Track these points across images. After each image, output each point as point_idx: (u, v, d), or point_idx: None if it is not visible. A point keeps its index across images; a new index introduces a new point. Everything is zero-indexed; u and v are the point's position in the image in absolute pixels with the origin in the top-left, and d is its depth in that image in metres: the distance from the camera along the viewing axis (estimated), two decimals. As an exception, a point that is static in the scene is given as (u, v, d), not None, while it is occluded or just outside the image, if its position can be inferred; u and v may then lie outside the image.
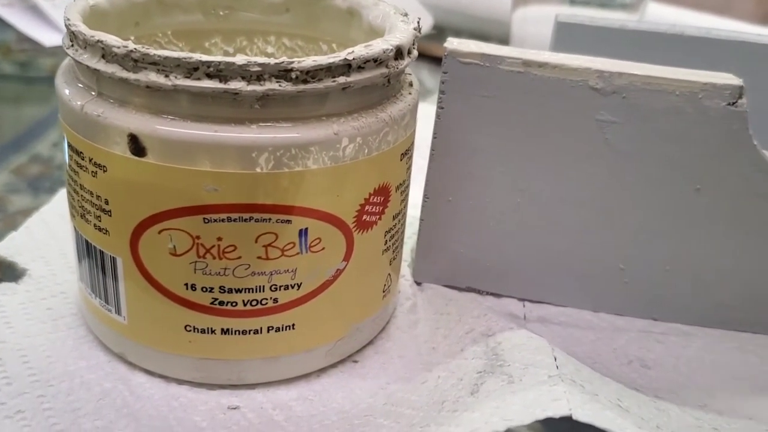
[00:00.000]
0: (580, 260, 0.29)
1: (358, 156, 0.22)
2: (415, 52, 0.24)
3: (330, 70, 0.20)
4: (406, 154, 0.24)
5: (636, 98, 0.26)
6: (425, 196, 0.29)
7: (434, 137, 0.28)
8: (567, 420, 0.20)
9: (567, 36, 0.33)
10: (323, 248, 0.22)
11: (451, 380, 0.24)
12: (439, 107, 0.27)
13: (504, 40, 0.49)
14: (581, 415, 0.19)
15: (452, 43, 0.26)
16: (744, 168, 0.27)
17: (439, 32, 0.64)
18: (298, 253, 0.22)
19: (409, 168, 0.25)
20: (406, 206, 0.26)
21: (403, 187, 0.24)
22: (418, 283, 0.30)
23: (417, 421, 0.22)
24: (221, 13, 0.29)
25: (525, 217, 0.28)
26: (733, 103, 0.26)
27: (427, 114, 0.28)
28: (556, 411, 0.19)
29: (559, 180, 0.28)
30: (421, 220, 0.29)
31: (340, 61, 0.20)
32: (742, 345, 0.28)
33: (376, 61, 0.21)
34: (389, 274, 0.25)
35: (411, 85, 0.24)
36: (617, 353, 0.27)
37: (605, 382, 0.23)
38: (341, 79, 0.21)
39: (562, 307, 0.30)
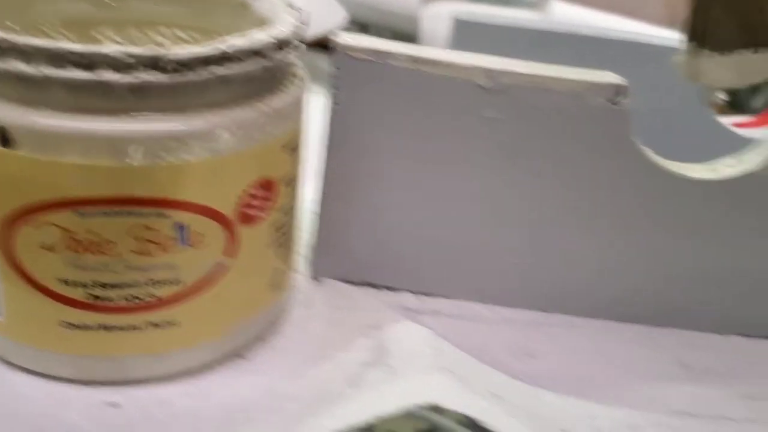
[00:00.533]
0: (472, 254, 0.29)
1: (237, 148, 0.21)
2: (301, 45, 0.23)
3: (205, 61, 0.20)
4: (293, 146, 0.24)
5: (522, 96, 0.27)
6: (322, 192, 0.29)
7: (330, 132, 0.28)
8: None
9: (465, 34, 0.33)
10: (204, 243, 0.22)
11: (334, 373, 0.24)
12: (334, 103, 0.27)
13: (415, 37, 0.50)
14: (449, 404, 0.20)
15: (342, 38, 0.27)
16: (627, 165, 0.27)
17: (358, 28, 0.64)
18: (177, 248, 0.22)
19: (297, 160, 0.25)
20: (295, 199, 0.26)
21: (291, 179, 0.24)
22: (316, 279, 0.30)
23: (296, 414, 0.22)
24: (113, 3, 0.28)
25: (419, 213, 0.29)
26: (615, 102, 0.27)
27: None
28: (425, 400, 0.20)
29: (451, 175, 0.28)
30: (319, 215, 0.29)
31: (215, 51, 0.20)
32: (625, 335, 0.29)
33: (255, 52, 0.21)
34: (279, 269, 0.25)
35: (298, 77, 0.24)
36: (505, 344, 0.28)
37: (485, 372, 0.24)
38: (218, 70, 0.20)
39: (456, 300, 0.30)
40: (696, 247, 0.29)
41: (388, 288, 0.30)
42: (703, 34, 0.25)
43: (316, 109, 0.27)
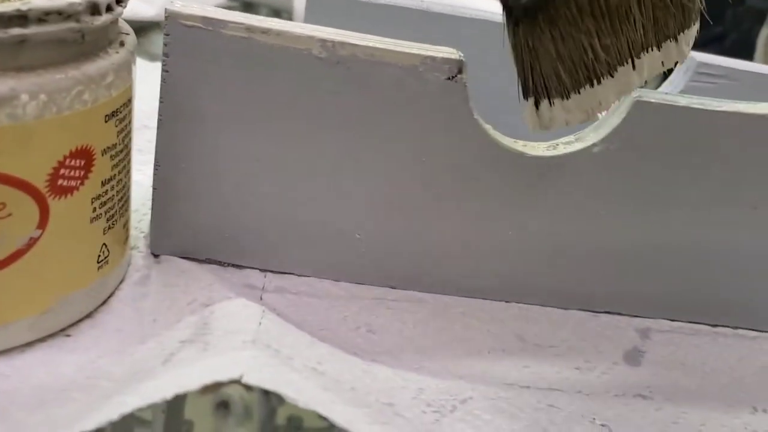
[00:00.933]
0: (318, 230, 0.29)
1: (44, 114, 0.20)
2: (119, 9, 0.22)
3: (2, 21, 0.19)
4: (116, 115, 0.23)
5: (359, 69, 0.26)
6: (156, 164, 0.28)
7: (161, 102, 0.27)
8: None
9: (319, 8, 0.33)
10: (10, 214, 0.21)
11: (155, 351, 0.23)
12: (164, 71, 0.26)
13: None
14: (252, 379, 0.19)
15: (173, 5, 0.26)
16: (465, 141, 0.28)
17: (243, 5, 0.63)
18: (-23, 220, 0.20)
19: (123, 131, 0.24)
20: (123, 172, 0.24)
21: (115, 150, 0.23)
22: (156, 256, 0.29)
23: (107, 394, 0.21)
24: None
25: (262, 186, 0.28)
26: (453, 77, 0.27)
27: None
28: (227, 375, 0.19)
29: (292, 149, 0.27)
30: (154, 189, 0.28)
31: (12, 11, 0.19)
32: (468, 310, 0.29)
33: (62, 14, 0.20)
34: (104, 245, 0.24)
35: (123, 44, 0.23)
36: (347, 320, 0.28)
37: (312, 347, 0.24)
38: (15, 31, 0.19)
39: (305, 277, 0.30)
40: (537, 222, 0.29)
41: (234, 266, 0.29)
42: (536, 88, 0.25)
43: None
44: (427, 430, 0.22)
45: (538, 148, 0.28)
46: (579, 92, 0.25)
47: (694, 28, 0.26)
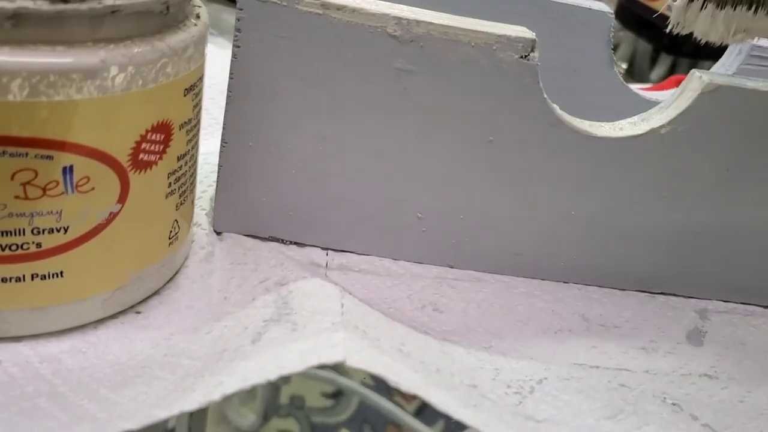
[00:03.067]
0: (380, 209, 0.28)
1: (131, 87, 0.19)
2: (201, -18, 0.21)
3: (93, -10, 0.18)
4: (192, 90, 0.22)
5: (433, 48, 0.25)
6: (223, 141, 0.27)
7: (231, 78, 0.26)
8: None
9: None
10: (93, 188, 0.20)
11: (236, 329, 0.22)
12: (235, 46, 0.25)
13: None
14: (355, 361, 0.18)
15: (248, -20, 0.24)
16: (534, 120, 0.27)
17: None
18: (63, 193, 0.19)
19: (197, 106, 0.23)
20: (195, 148, 0.24)
21: (190, 125, 0.22)
22: (218, 233, 0.28)
23: (193, 372, 0.20)
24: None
25: (327, 166, 0.27)
26: (525, 56, 0.26)
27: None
28: (331, 358, 0.18)
29: (359, 128, 0.26)
30: (220, 166, 0.27)
31: (104, -20, 0.18)
32: (530, 290, 0.29)
33: (150, -15, 0.19)
34: (176, 221, 0.23)
35: (199, 17, 0.22)
36: (412, 298, 0.27)
37: (392, 327, 0.23)
38: (108, 2, 0.18)
39: (365, 255, 0.29)
40: (600, 203, 0.28)
41: (296, 243, 0.29)
42: None
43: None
44: (512, 411, 0.21)
45: (605, 129, 0.27)
46: (734, 8, 0.23)
47: None
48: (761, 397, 0.26)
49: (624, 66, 0.63)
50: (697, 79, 0.27)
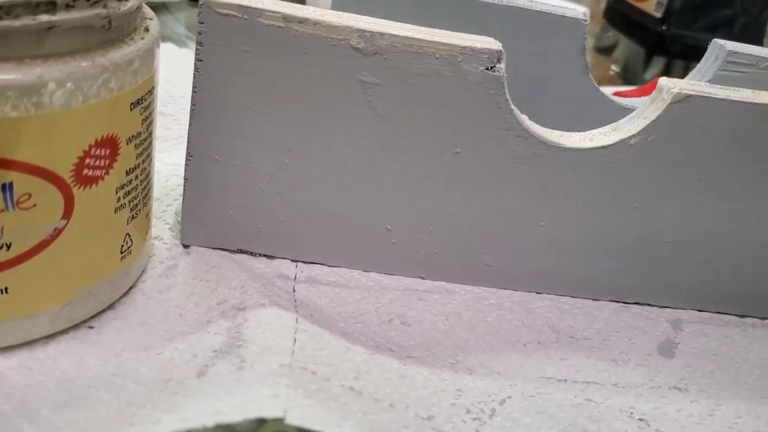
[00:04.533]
0: (349, 221, 0.27)
1: (71, 103, 0.18)
2: (148, -4, 0.20)
3: (30, 7, 0.17)
4: (141, 103, 0.21)
5: (397, 60, 0.24)
6: (188, 155, 0.25)
7: (194, 91, 0.24)
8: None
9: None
10: (35, 205, 0.19)
11: (185, 355, 0.21)
12: (198, 60, 0.24)
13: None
14: (295, 417, 0.17)
15: (209, -7, 0.23)
16: (502, 132, 0.25)
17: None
18: (3, 210, 0.18)
19: (147, 119, 0.21)
20: (147, 161, 0.22)
21: (139, 139, 0.21)
22: (186, 246, 0.27)
23: (137, 400, 0.19)
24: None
25: (294, 178, 0.26)
26: (491, 68, 0.24)
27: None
28: (271, 412, 0.17)
29: (325, 140, 0.25)
30: (186, 179, 0.26)
31: (38, -5, 0.17)
32: (500, 302, 0.27)
33: (89, 0, 0.18)
34: (128, 235, 0.22)
35: (147, 30, 0.21)
36: (380, 311, 0.26)
37: (349, 358, 0.21)
38: (44, 18, 0.17)
39: (335, 267, 0.27)
40: (570, 214, 0.27)
41: (265, 256, 0.27)
42: None
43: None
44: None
45: (575, 139, 0.26)
46: None
47: None
48: (730, 410, 0.24)
49: (616, 68, 0.61)
50: (666, 89, 0.25)
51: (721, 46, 0.32)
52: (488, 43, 0.24)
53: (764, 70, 0.33)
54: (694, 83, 0.26)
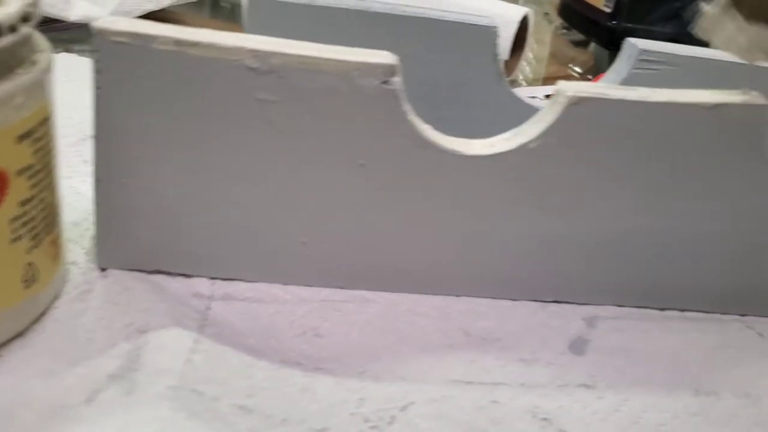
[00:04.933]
0: (263, 236, 0.27)
1: (-48, 140, 0.18)
2: (25, 30, 0.20)
3: None
4: (31, 135, 0.21)
5: (292, 78, 0.24)
6: (96, 179, 0.26)
7: (95, 118, 0.25)
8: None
9: (259, 12, 0.31)
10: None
11: (84, 381, 0.21)
12: (96, 87, 0.24)
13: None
14: None
15: (101, 22, 0.24)
16: (402, 143, 0.26)
17: (200, 3, 0.60)
18: None
19: (41, 150, 0.22)
20: (48, 190, 0.23)
21: (32, 171, 0.22)
22: (103, 270, 0.27)
23: (29, 429, 0.19)
24: None
25: (202, 197, 0.26)
26: (386, 82, 0.25)
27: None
28: None
29: (229, 159, 0.26)
30: (96, 204, 0.26)
31: None
32: (416, 308, 0.28)
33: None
34: (30, 264, 0.22)
35: (34, 63, 0.21)
36: (294, 325, 0.26)
37: (248, 375, 0.22)
38: None
39: (253, 282, 0.28)
40: (479, 218, 0.28)
41: (183, 275, 0.28)
42: None
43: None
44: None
45: (477, 147, 0.26)
46: (764, 26, 0.23)
47: None
48: (637, 405, 0.25)
49: (578, 70, 0.61)
50: (562, 92, 0.26)
51: (633, 45, 0.33)
52: (382, 57, 0.25)
53: (676, 66, 0.33)
54: (591, 85, 0.27)
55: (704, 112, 0.26)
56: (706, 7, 0.23)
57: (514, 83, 0.55)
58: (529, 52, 0.69)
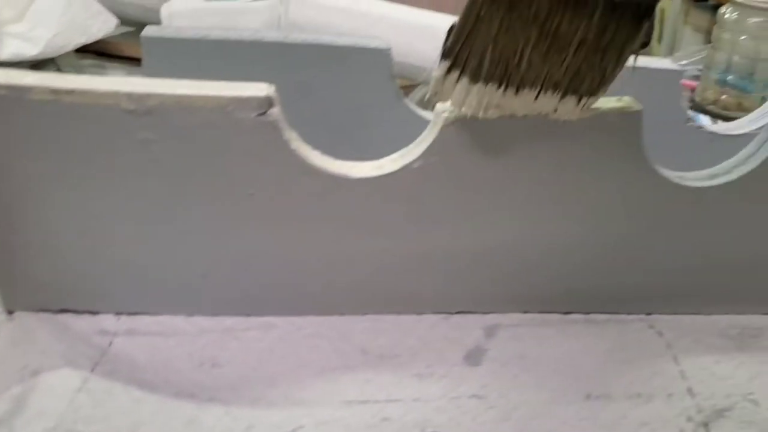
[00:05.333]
0: (163, 271, 0.28)
1: None
2: None
3: None
4: None
5: (171, 116, 0.25)
6: (-9, 227, 0.26)
7: (-20, 168, 0.25)
8: None
9: (155, 50, 0.31)
10: None
11: None
12: (-23, 139, 0.25)
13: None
14: None
15: (-25, 75, 0.24)
16: (287, 171, 0.27)
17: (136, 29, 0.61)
18: None
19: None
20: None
21: None
22: (11, 312, 0.28)
23: None
24: None
25: (98, 237, 0.27)
26: (263, 113, 0.25)
27: None
28: None
29: (120, 199, 0.27)
30: (-6, 250, 0.27)
31: None
32: (317, 330, 0.29)
33: None
34: None
35: None
36: (192, 357, 0.27)
37: (133, 411, 0.23)
38: None
39: (158, 315, 0.29)
40: (373, 238, 0.28)
41: (90, 312, 0.28)
42: (458, 56, 0.24)
43: None
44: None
45: (365, 169, 0.27)
46: (486, 85, 0.24)
47: (593, 100, 0.25)
48: (527, 413, 0.26)
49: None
50: (438, 113, 0.26)
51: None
52: (257, 90, 0.26)
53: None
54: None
55: (578, 121, 0.27)
56: (435, 73, 0.24)
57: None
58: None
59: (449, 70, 0.24)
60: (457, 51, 0.24)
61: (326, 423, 0.24)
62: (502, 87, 0.24)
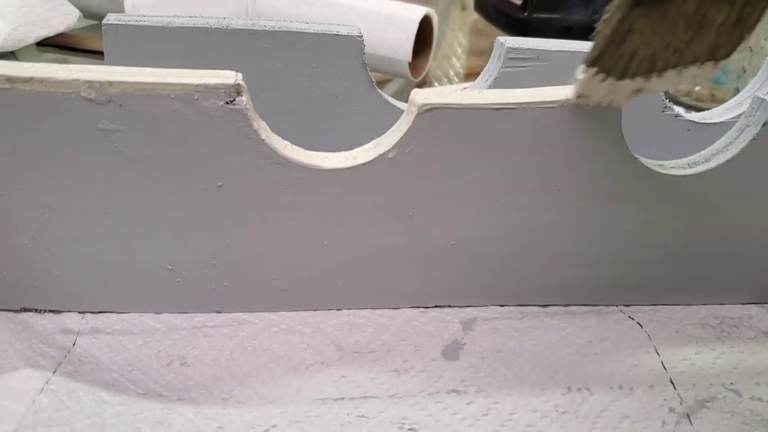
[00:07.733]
0: (128, 266, 0.27)
1: None
2: None
3: None
4: None
5: (133, 105, 0.24)
6: (-57, 223, 0.25)
7: (-67, 162, 0.24)
8: None
9: (118, 39, 0.31)
10: None
11: None
12: (-71, 131, 0.24)
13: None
14: None
15: (-75, 63, 0.23)
16: (257, 162, 0.26)
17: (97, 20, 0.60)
18: None
19: None
20: None
21: None
22: (-32, 312, 0.27)
23: None
24: None
25: (59, 232, 0.26)
26: (231, 101, 0.25)
27: None
28: None
29: (81, 191, 0.26)
30: (-53, 247, 0.26)
31: None
32: (291, 326, 0.28)
33: None
34: None
35: None
36: (160, 355, 0.26)
37: (97, 413, 0.22)
38: None
39: (125, 313, 0.28)
40: (348, 230, 0.28)
41: (53, 311, 0.27)
42: (604, 63, 0.24)
43: None
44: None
45: (337, 160, 0.26)
46: (633, 79, 0.24)
47: (717, 65, 0.25)
48: (507, 407, 0.25)
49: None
50: (413, 101, 0.26)
51: (501, 44, 0.34)
52: (225, 77, 0.25)
53: (545, 62, 0.34)
54: (439, 93, 0.27)
55: (557, 108, 0.26)
56: (578, 75, 0.24)
57: (425, 83, 0.56)
58: (457, 48, 0.70)
59: (595, 74, 0.24)
60: (605, 59, 0.24)
61: (300, 421, 0.24)
62: (651, 76, 0.24)
